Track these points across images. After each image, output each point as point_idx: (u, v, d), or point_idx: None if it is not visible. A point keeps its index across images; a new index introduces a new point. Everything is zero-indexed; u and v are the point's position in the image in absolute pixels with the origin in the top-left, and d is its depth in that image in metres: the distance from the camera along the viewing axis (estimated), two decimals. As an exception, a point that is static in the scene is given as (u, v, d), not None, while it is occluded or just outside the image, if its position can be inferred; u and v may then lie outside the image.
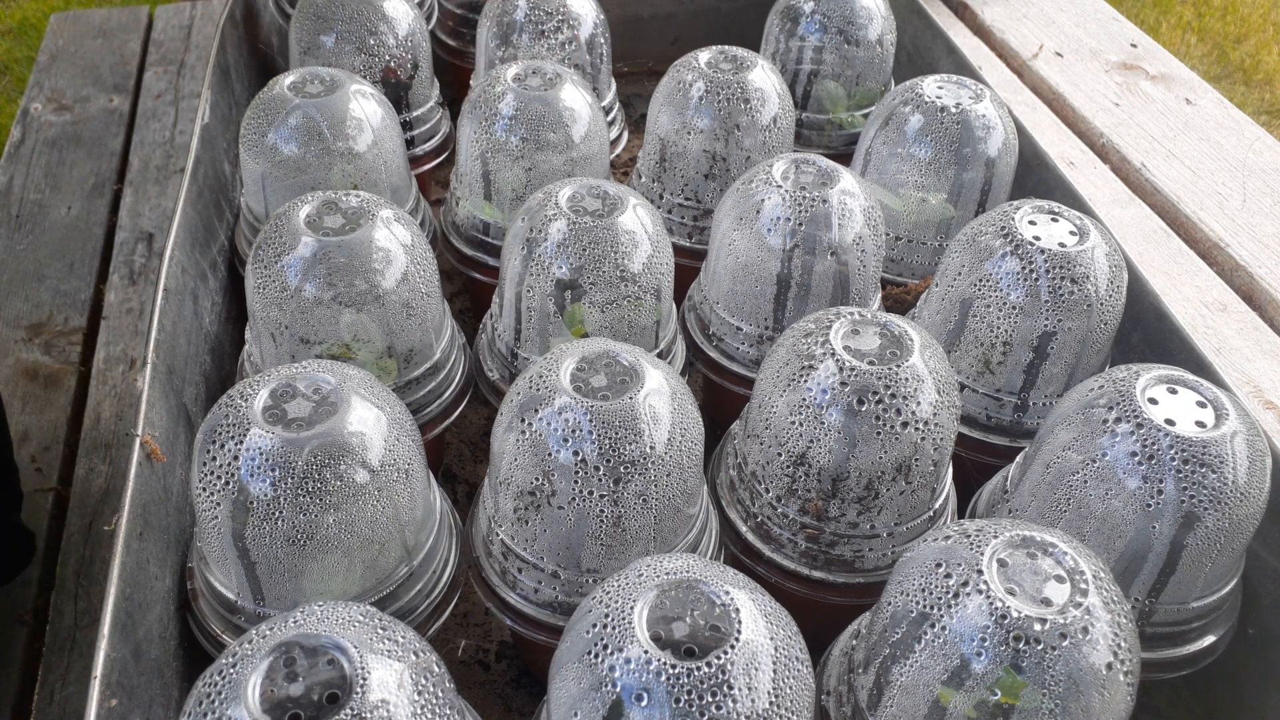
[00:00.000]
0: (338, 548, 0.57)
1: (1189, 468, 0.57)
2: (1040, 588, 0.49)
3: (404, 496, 0.60)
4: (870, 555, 0.65)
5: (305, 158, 0.82)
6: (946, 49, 1.07)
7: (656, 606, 0.47)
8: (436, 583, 0.64)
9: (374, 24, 0.97)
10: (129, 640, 0.56)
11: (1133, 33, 1.19)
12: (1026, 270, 0.70)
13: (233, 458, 0.56)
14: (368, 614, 0.48)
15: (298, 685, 0.44)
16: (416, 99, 1.01)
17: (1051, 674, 0.46)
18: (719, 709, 0.43)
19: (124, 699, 0.53)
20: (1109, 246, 0.71)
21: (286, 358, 0.71)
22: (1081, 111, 1.04)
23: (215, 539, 0.58)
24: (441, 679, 0.47)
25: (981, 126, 0.85)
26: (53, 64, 1.24)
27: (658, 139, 0.91)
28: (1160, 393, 0.61)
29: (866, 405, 0.60)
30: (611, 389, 0.59)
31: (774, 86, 0.89)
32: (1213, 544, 0.58)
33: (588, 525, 0.58)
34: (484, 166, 0.86)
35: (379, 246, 0.70)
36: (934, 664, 0.49)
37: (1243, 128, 1.04)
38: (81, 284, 0.96)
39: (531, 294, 0.72)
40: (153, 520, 0.62)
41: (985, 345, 0.72)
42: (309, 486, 0.56)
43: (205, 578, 0.62)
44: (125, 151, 1.12)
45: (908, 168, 0.86)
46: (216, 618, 0.61)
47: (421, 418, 0.75)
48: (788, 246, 0.74)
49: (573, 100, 0.85)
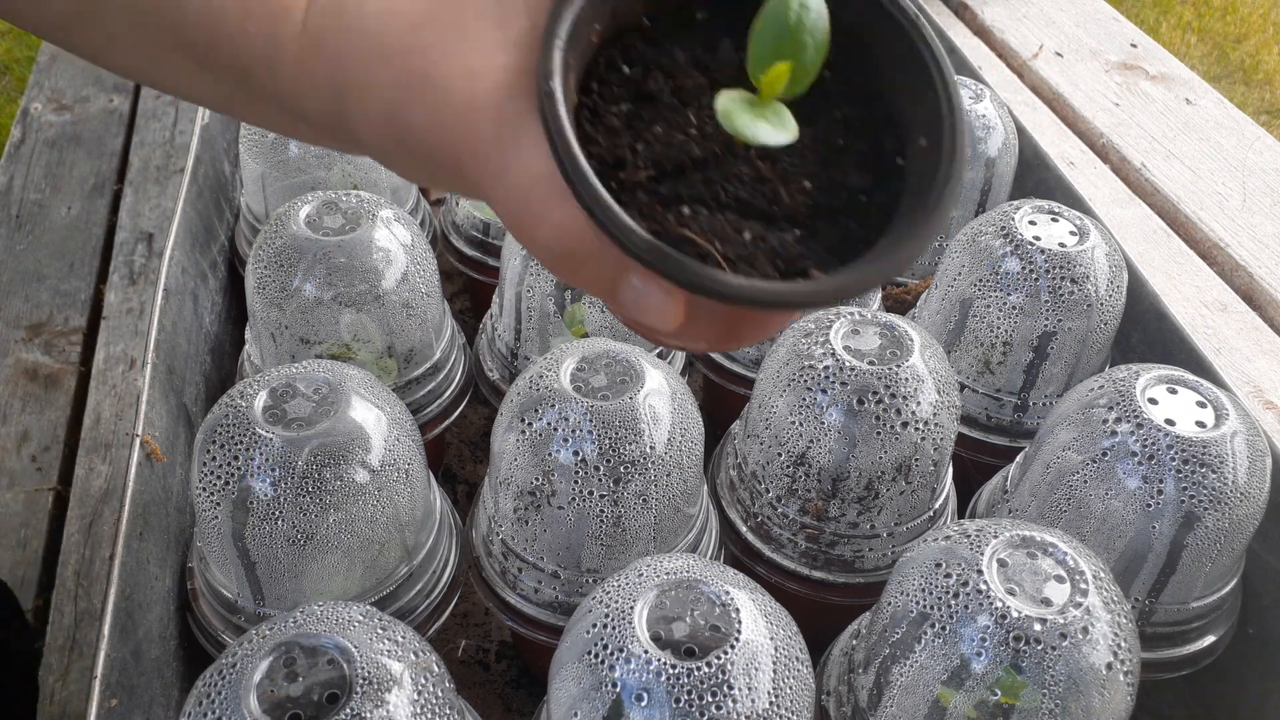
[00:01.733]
0: (338, 548, 0.57)
1: (1189, 468, 0.57)
2: (1040, 588, 0.49)
3: (404, 496, 0.60)
4: (870, 555, 0.65)
5: (305, 158, 0.82)
6: (946, 49, 1.07)
7: (656, 606, 0.47)
8: (436, 583, 0.64)
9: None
10: (129, 640, 0.56)
11: (1133, 33, 1.19)
12: (1026, 270, 0.70)
13: (233, 458, 0.56)
14: (368, 614, 0.48)
15: (298, 685, 0.44)
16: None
17: (1051, 674, 0.46)
18: (719, 709, 0.43)
19: (124, 699, 0.53)
20: (1109, 246, 0.71)
21: (286, 358, 0.71)
22: (1081, 111, 1.05)
23: (215, 539, 0.58)
24: (441, 679, 0.47)
25: (981, 126, 0.85)
26: (53, 64, 1.24)
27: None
28: (1160, 393, 0.61)
29: (866, 405, 0.60)
30: (611, 389, 0.59)
31: (774, 86, 0.89)
32: (1213, 544, 0.58)
33: (588, 525, 0.58)
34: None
35: (379, 246, 0.70)
36: (934, 664, 0.49)
37: (1243, 128, 1.04)
38: (81, 284, 0.96)
39: (531, 294, 0.72)
40: (153, 520, 0.62)
41: (985, 345, 0.72)
42: (309, 486, 0.56)
43: (205, 578, 0.62)
44: (125, 151, 1.12)
45: (908, 168, 0.86)
46: (216, 618, 0.61)
47: (421, 418, 0.75)
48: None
49: (573, 100, 0.85)
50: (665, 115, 0.30)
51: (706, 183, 0.29)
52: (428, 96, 0.31)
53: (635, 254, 0.26)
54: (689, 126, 0.30)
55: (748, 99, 0.28)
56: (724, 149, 0.30)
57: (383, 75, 0.32)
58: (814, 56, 0.28)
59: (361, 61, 0.32)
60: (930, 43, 0.30)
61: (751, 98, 0.28)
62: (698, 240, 0.28)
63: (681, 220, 0.28)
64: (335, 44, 0.33)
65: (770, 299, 0.26)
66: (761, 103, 0.28)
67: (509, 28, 0.30)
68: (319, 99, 0.35)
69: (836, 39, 0.29)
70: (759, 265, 0.28)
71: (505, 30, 0.30)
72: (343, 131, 0.35)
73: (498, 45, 0.30)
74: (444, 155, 0.31)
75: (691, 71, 0.31)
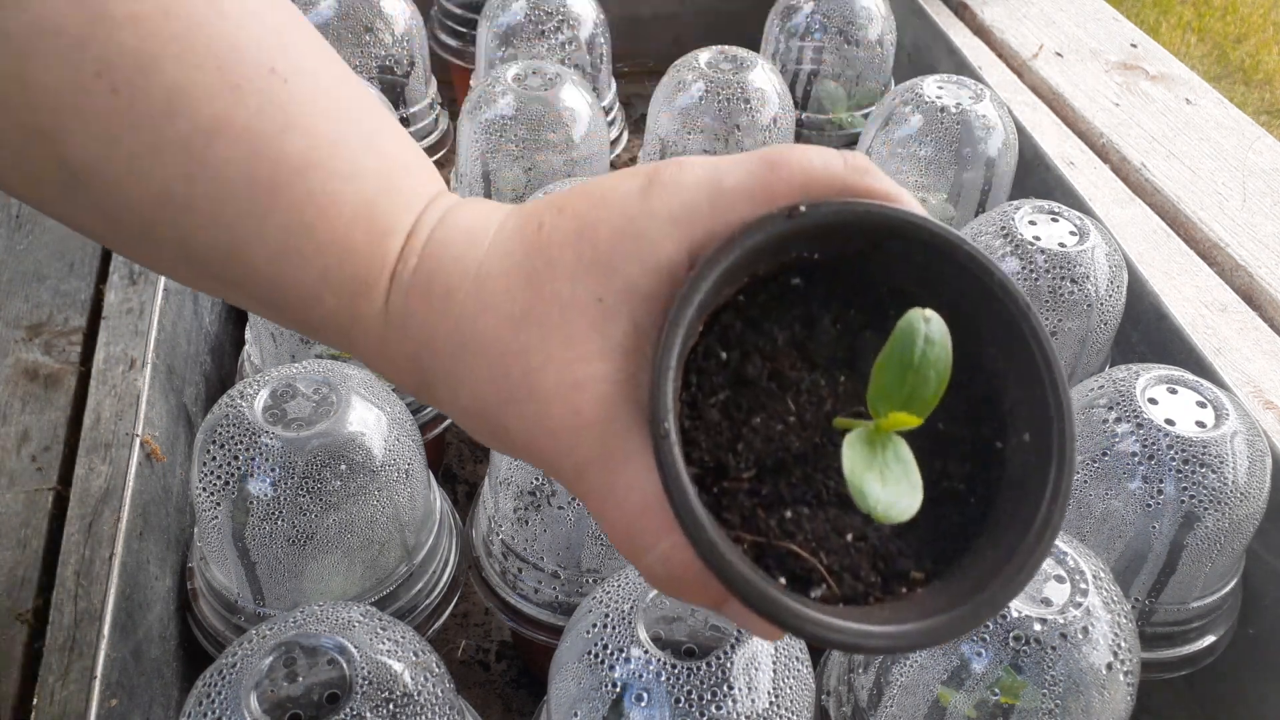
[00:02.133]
0: (338, 548, 0.57)
1: (1189, 468, 0.57)
2: (1040, 587, 0.49)
3: (404, 496, 0.60)
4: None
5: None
6: (946, 49, 1.07)
7: (656, 606, 0.47)
8: (436, 583, 0.64)
9: (370, 20, 0.97)
10: (129, 640, 0.56)
11: (1133, 33, 1.19)
12: (1026, 270, 0.70)
13: (233, 458, 0.56)
14: (368, 614, 0.48)
15: (298, 685, 0.44)
16: (413, 96, 1.01)
17: (1051, 674, 0.46)
18: (719, 709, 0.43)
19: (124, 699, 0.53)
20: (1109, 246, 0.71)
21: (286, 358, 0.71)
22: (1081, 111, 1.04)
23: (215, 539, 0.58)
24: (441, 679, 0.47)
25: (981, 126, 0.84)
26: (53, 64, 1.24)
27: (658, 139, 0.91)
28: (1160, 393, 0.61)
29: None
30: (611, 389, 0.59)
31: (774, 86, 0.89)
32: (1213, 544, 0.58)
33: (588, 525, 0.58)
34: (484, 166, 0.86)
35: (379, 246, 0.70)
36: (934, 664, 0.49)
37: (1243, 128, 1.04)
38: (81, 284, 0.96)
39: (531, 294, 0.72)
40: (153, 520, 0.62)
41: (985, 345, 0.72)
42: (309, 486, 0.56)
43: (205, 578, 0.62)
44: (125, 151, 1.11)
45: (908, 168, 0.86)
46: (216, 618, 0.61)
47: (421, 418, 0.75)
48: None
49: (573, 100, 0.85)
50: (765, 404, 0.30)
51: (808, 479, 0.29)
52: (528, 409, 0.29)
53: (748, 603, 0.27)
54: (789, 414, 0.30)
55: (867, 438, 0.28)
56: (824, 437, 0.30)
57: (477, 370, 0.30)
58: (935, 389, 0.28)
59: (451, 351, 0.31)
60: (1043, 341, 0.29)
61: (870, 433, 0.28)
62: (802, 554, 0.28)
63: (785, 528, 0.29)
64: (422, 329, 0.32)
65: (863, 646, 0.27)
66: (880, 437, 0.28)
67: (610, 330, 0.29)
68: (400, 373, 0.33)
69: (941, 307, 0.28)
70: (861, 574, 0.29)
71: (607, 334, 0.29)
72: (426, 398, 0.33)
73: (600, 352, 0.29)
74: (543, 462, 0.30)
75: (790, 352, 0.31)
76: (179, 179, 0.30)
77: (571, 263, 0.30)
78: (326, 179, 0.31)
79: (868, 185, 0.30)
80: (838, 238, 0.30)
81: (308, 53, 0.33)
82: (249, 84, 0.30)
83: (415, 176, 0.34)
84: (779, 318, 0.31)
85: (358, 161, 0.32)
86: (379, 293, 0.32)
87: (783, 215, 0.29)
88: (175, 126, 0.30)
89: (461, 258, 0.31)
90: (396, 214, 0.32)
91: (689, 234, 0.29)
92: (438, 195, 0.34)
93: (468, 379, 0.31)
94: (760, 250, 0.29)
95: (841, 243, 0.30)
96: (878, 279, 0.31)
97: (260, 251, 0.31)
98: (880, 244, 0.30)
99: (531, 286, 0.30)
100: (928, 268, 0.30)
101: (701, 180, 0.30)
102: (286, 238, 0.31)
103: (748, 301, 0.31)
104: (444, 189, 0.35)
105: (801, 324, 0.31)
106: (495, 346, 0.30)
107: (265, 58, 0.31)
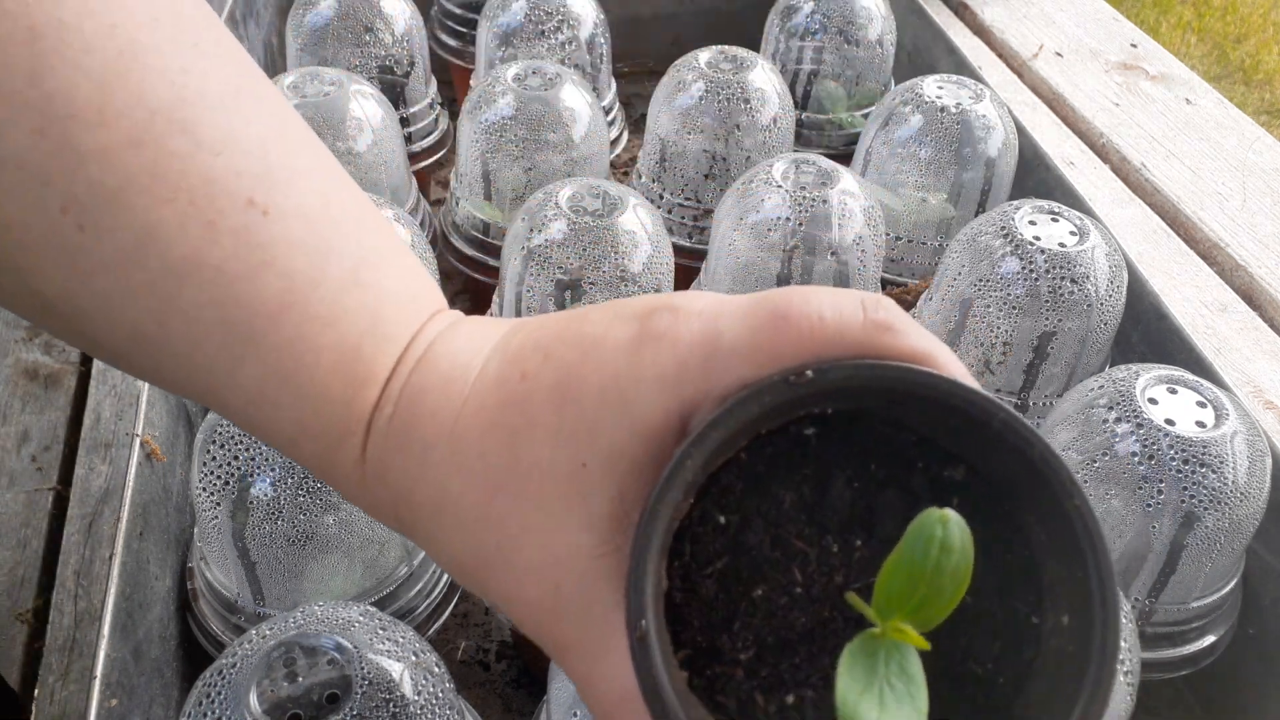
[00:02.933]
0: (338, 548, 0.57)
1: (1189, 468, 0.57)
2: (1040, 588, 0.49)
3: (404, 496, 0.60)
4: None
5: (305, 158, 0.82)
6: (946, 49, 1.07)
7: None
8: (436, 583, 0.64)
9: (370, 20, 0.97)
10: (129, 640, 0.56)
11: (1133, 33, 1.19)
12: (1026, 270, 0.70)
13: (233, 458, 0.56)
14: (368, 614, 0.48)
15: (298, 685, 0.44)
16: (413, 96, 1.01)
17: (1051, 674, 0.46)
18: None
19: (124, 699, 0.53)
20: (1109, 246, 0.71)
21: (286, 358, 0.71)
22: (1081, 111, 1.05)
23: (215, 539, 0.58)
24: (441, 679, 0.47)
25: (981, 126, 0.85)
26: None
27: (658, 139, 0.91)
28: (1160, 393, 0.61)
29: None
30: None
31: (774, 86, 0.89)
32: (1213, 544, 0.58)
33: (588, 525, 0.58)
34: (484, 166, 0.86)
35: (379, 246, 0.70)
36: None
37: (1243, 128, 1.04)
38: (81, 284, 0.96)
39: (531, 294, 0.72)
40: (153, 520, 0.62)
41: (985, 345, 0.72)
42: (309, 486, 0.56)
43: (205, 578, 0.62)
44: (125, 151, 1.11)
45: (908, 168, 0.86)
46: (216, 618, 0.61)
47: (421, 418, 0.75)
48: (788, 247, 0.74)
49: (573, 100, 0.85)
50: (767, 574, 0.27)
51: (813, 658, 0.27)
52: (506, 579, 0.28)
53: None
54: (794, 586, 0.27)
55: (870, 646, 0.25)
56: (834, 610, 0.27)
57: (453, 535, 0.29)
58: (949, 600, 0.25)
59: (429, 512, 0.30)
60: (1089, 523, 0.26)
61: (874, 641, 0.25)
62: None
63: (787, 715, 0.26)
64: (400, 481, 0.30)
65: None
66: (886, 644, 0.25)
67: (594, 499, 0.27)
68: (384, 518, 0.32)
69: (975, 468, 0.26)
70: None
71: (589, 503, 0.27)
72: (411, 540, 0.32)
73: (582, 524, 0.27)
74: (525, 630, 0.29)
75: (798, 516, 0.27)
76: (150, 321, 0.29)
77: (553, 425, 0.28)
78: (303, 322, 0.30)
79: (889, 345, 0.27)
80: (851, 399, 0.27)
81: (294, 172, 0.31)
82: (223, 220, 0.29)
83: (403, 309, 0.32)
84: (786, 477, 0.28)
85: (338, 302, 0.31)
86: (355, 442, 0.31)
87: (783, 382, 0.26)
88: (145, 267, 0.28)
89: (437, 412, 0.30)
90: (377, 358, 0.31)
91: (679, 395, 0.27)
92: (421, 330, 0.32)
93: (444, 541, 0.30)
94: (757, 420, 0.27)
95: (857, 400, 0.27)
96: (904, 427, 0.28)
97: (235, 396, 0.31)
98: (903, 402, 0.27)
99: (510, 449, 0.28)
100: (959, 431, 0.27)
101: (696, 337, 0.27)
102: (262, 386, 0.30)
103: (751, 458, 0.28)
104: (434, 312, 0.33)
105: (812, 484, 0.28)
106: (471, 512, 0.29)
107: (244, 187, 0.29)
